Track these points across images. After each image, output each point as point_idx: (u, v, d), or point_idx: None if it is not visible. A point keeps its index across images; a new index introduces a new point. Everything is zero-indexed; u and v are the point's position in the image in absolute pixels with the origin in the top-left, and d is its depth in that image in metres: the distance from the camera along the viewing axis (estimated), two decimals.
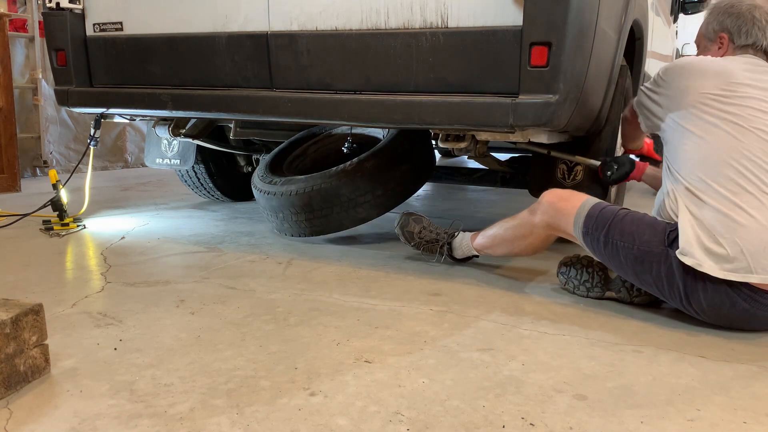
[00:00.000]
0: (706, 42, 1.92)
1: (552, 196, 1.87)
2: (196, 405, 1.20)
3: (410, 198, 3.86)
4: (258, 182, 2.56)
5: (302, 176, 2.48)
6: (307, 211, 2.44)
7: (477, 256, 2.21)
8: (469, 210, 3.50)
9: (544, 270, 2.19)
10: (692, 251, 1.57)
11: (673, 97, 1.76)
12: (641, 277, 1.70)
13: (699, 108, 1.68)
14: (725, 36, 1.86)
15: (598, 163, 2.28)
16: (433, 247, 2.23)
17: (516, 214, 1.99)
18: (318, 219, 2.46)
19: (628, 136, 2.26)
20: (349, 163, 2.42)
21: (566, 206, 1.82)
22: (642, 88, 1.91)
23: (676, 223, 1.66)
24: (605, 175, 2.25)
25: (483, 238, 2.09)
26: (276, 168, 2.70)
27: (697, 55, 1.94)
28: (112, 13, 2.47)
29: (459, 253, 2.21)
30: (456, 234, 2.20)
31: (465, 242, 2.17)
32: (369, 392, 1.27)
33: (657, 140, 2.06)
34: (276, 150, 2.86)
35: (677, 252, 1.60)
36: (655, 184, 2.12)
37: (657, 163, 2.30)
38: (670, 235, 1.65)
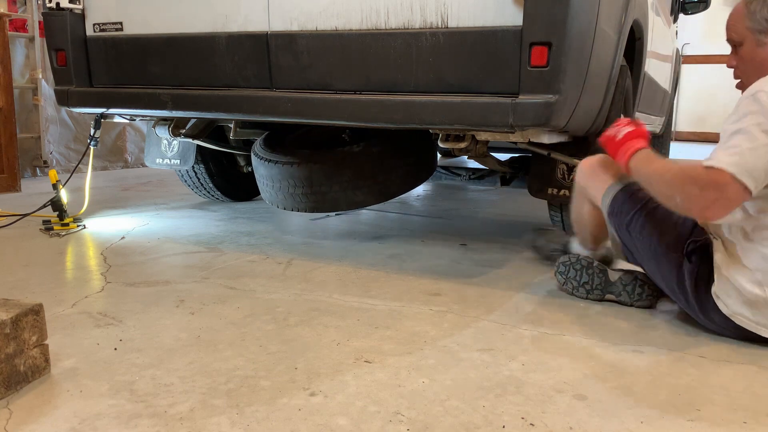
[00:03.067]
0: (755, 36, 1.53)
1: (594, 159, 1.80)
2: (196, 405, 1.20)
3: (410, 197, 3.87)
4: (260, 150, 2.56)
5: (307, 150, 2.48)
6: (306, 184, 2.43)
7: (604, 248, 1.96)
8: (469, 210, 3.49)
9: (544, 270, 2.19)
10: (741, 310, 1.51)
11: None
12: (651, 271, 1.71)
13: None
14: None
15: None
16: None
17: None
18: (315, 195, 2.46)
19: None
20: (356, 145, 2.43)
21: (601, 177, 1.75)
22: (744, 135, 1.37)
23: (702, 238, 1.61)
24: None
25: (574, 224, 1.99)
26: (280, 141, 2.71)
27: (734, 57, 1.59)
28: (112, 13, 2.46)
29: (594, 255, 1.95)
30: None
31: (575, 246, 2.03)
32: (369, 392, 1.27)
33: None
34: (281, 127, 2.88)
35: (713, 291, 1.54)
36: None
37: None
38: (689, 245, 1.61)
